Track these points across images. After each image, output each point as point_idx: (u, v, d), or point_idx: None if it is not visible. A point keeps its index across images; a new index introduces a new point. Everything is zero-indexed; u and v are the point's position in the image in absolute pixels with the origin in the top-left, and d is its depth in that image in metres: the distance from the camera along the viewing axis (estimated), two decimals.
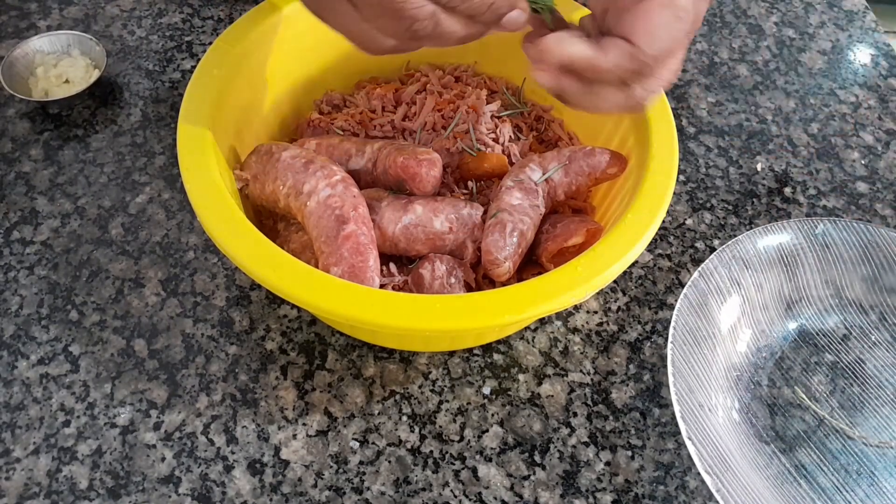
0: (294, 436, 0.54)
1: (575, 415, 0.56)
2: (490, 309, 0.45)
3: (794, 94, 0.79)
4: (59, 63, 0.71)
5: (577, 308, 0.62)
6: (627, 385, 0.58)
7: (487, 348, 0.59)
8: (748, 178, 0.72)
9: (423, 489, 0.52)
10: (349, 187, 0.52)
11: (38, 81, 0.71)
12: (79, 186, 0.66)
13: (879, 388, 0.58)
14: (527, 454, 0.54)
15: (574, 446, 0.55)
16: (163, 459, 0.52)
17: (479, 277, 0.55)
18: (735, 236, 0.64)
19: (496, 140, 0.61)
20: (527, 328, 0.60)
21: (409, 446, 0.54)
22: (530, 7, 0.44)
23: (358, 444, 0.54)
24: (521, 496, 0.52)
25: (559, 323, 0.61)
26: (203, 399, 0.55)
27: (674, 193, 0.59)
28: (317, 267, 0.50)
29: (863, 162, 0.74)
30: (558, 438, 0.55)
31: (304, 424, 0.54)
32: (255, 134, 0.61)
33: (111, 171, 0.68)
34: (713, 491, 0.48)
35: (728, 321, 0.58)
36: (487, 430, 0.55)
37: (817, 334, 0.60)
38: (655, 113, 0.56)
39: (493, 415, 0.56)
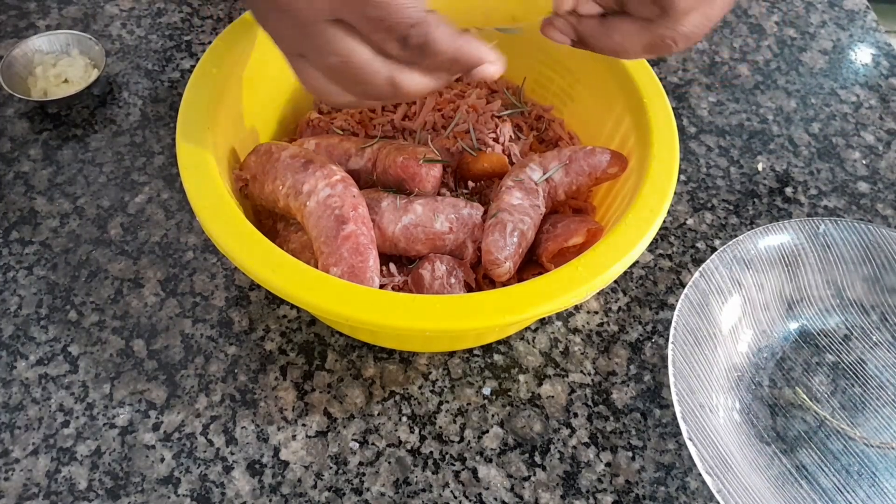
0: (293, 436, 0.54)
1: (575, 415, 0.56)
2: (490, 309, 0.45)
3: (795, 94, 0.79)
4: (58, 63, 0.71)
5: (577, 308, 0.62)
6: (628, 385, 0.58)
7: (487, 349, 0.59)
8: (749, 177, 0.72)
9: (423, 490, 0.52)
10: (349, 187, 0.51)
11: (37, 81, 0.70)
12: (78, 186, 0.66)
13: (880, 388, 0.58)
14: (527, 455, 0.54)
15: (574, 447, 0.55)
16: (162, 460, 0.52)
17: (479, 277, 0.54)
18: (736, 236, 0.64)
19: (496, 140, 0.61)
20: (527, 328, 0.60)
21: (408, 447, 0.54)
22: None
23: (357, 444, 0.54)
24: (521, 497, 0.52)
25: (559, 323, 0.61)
26: (202, 399, 0.55)
27: (675, 193, 0.59)
28: (316, 267, 0.49)
29: (864, 162, 0.74)
30: (559, 439, 0.55)
31: (303, 425, 0.54)
32: (254, 134, 0.61)
33: (110, 171, 0.67)
34: (714, 492, 0.48)
35: (729, 321, 0.58)
36: (487, 431, 0.55)
37: (818, 335, 0.60)
38: (656, 112, 0.56)
39: (493, 415, 0.56)
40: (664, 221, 0.62)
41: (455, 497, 0.52)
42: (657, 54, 0.46)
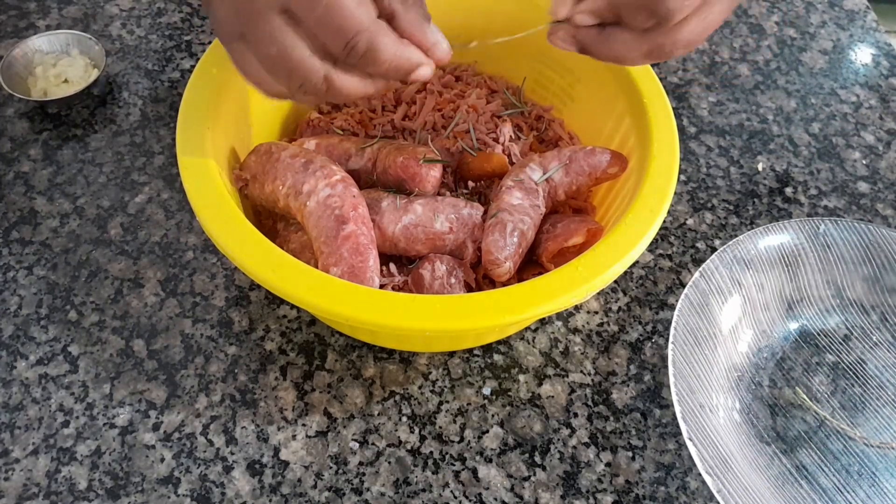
0: (293, 436, 0.54)
1: (575, 415, 0.56)
2: (490, 309, 0.45)
3: (795, 94, 0.79)
4: (58, 62, 0.71)
5: (577, 308, 0.62)
6: (628, 385, 0.58)
7: (488, 349, 0.59)
8: (749, 177, 0.72)
9: (423, 490, 0.52)
10: (349, 187, 0.51)
11: (37, 81, 0.70)
12: (78, 186, 0.66)
13: (880, 388, 0.58)
14: (527, 455, 0.54)
15: (574, 447, 0.55)
16: (162, 460, 0.52)
17: (479, 277, 0.54)
18: (736, 236, 0.64)
19: (496, 140, 0.61)
20: (527, 328, 0.60)
21: (409, 447, 0.54)
22: None
23: (357, 444, 0.54)
24: (521, 497, 0.52)
25: (560, 323, 0.61)
26: (202, 399, 0.55)
27: (675, 193, 0.59)
28: (316, 267, 0.49)
29: (864, 162, 0.74)
30: (559, 439, 0.55)
31: (303, 425, 0.54)
32: (254, 134, 0.61)
33: (110, 171, 0.67)
34: (714, 492, 0.48)
35: (729, 321, 0.58)
36: (487, 431, 0.55)
37: (818, 335, 0.60)
38: (656, 112, 0.56)
39: (493, 415, 0.56)
40: (664, 221, 0.62)
41: (455, 497, 0.52)
42: (659, 60, 0.46)
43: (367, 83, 0.42)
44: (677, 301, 0.56)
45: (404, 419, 0.55)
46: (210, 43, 0.61)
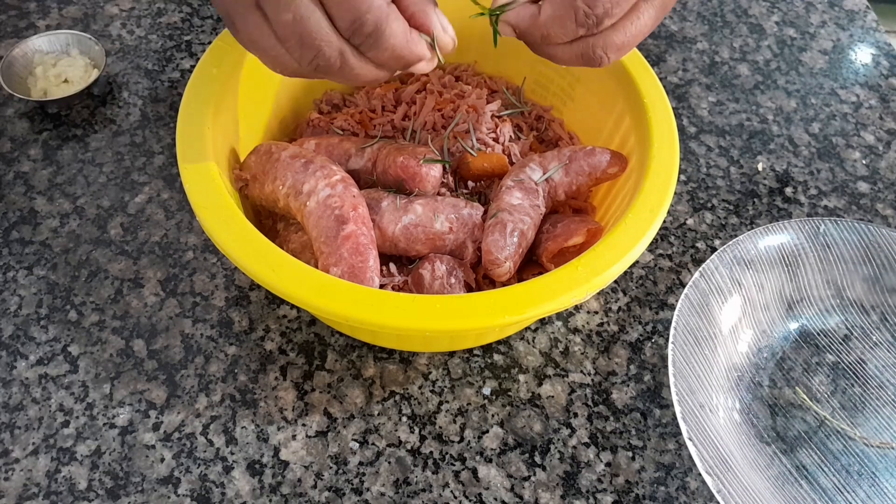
0: (293, 436, 0.54)
1: (575, 415, 0.56)
2: (490, 309, 0.45)
3: (795, 94, 0.79)
4: (58, 63, 0.71)
5: (577, 308, 0.62)
6: (628, 385, 0.58)
7: (487, 349, 0.59)
8: (749, 177, 0.72)
9: (423, 490, 0.52)
10: (349, 187, 0.51)
11: (37, 81, 0.70)
12: (78, 186, 0.66)
13: (880, 388, 0.58)
14: (527, 455, 0.54)
15: (574, 447, 0.55)
16: (162, 460, 0.52)
17: (479, 277, 0.54)
18: (736, 236, 0.64)
19: (496, 140, 0.61)
20: (527, 328, 0.60)
21: (408, 447, 0.54)
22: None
23: (357, 444, 0.54)
24: (521, 497, 0.52)
25: (560, 323, 0.61)
26: (202, 399, 0.55)
27: (675, 193, 0.59)
28: (316, 267, 0.49)
29: (864, 162, 0.74)
30: (559, 439, 0.55)
31: (303, 425, 0.54)
32: (254, 134, 0.61)
33: (110, 171, 0.67)
34: (714, 492, 0.48)
35: (729, 321, 0.58)
36: (487, 431, 0.55)
37: (818, 334, 0.60)
38: (656, 112, 0.56)
39: (493, 415, 0.56)
40: (664, 221, 0.62)
41: (455, 497, 0.52)
42: (592, 65, 0.46)
43: (379, 71, 0.42)
44: (677, 301, 0.56)
45: (404, 419, 0.55)
46: (210, 43, 0.61)
